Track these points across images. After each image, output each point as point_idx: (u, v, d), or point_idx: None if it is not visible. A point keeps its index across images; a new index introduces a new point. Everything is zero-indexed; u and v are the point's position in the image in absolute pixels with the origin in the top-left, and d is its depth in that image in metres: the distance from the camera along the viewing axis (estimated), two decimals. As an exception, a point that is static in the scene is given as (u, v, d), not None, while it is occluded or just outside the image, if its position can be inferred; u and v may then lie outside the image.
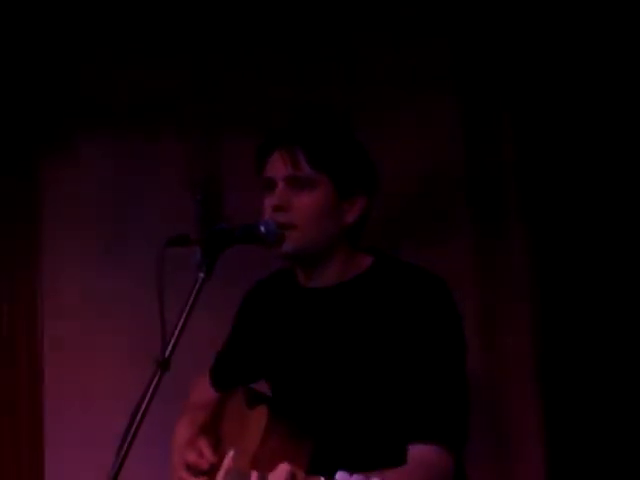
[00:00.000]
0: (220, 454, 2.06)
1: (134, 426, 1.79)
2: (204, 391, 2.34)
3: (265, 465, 1.84)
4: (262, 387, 2.19)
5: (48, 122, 3.27)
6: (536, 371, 3.07)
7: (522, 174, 3.11)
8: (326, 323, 2.04)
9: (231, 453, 1.99)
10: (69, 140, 3.25)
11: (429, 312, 1.94)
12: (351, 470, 1.48)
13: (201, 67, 3.22)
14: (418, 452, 1.87)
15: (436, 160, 3.13)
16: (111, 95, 3.24)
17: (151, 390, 1.80)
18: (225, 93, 3.22)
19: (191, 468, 2.08)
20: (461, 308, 2.00)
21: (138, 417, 1.79)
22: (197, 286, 1.84)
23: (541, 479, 3.04)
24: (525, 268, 3.09)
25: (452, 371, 1.92)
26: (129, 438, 1.79)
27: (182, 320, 1.82)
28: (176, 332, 1.82)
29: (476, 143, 3.15)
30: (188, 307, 1.83)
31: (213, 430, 2.17)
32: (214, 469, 2.04)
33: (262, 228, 1.95)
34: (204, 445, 2.08)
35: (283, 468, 1.55)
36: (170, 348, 1.81)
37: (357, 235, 2.07)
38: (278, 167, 2.01)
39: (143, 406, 1.80)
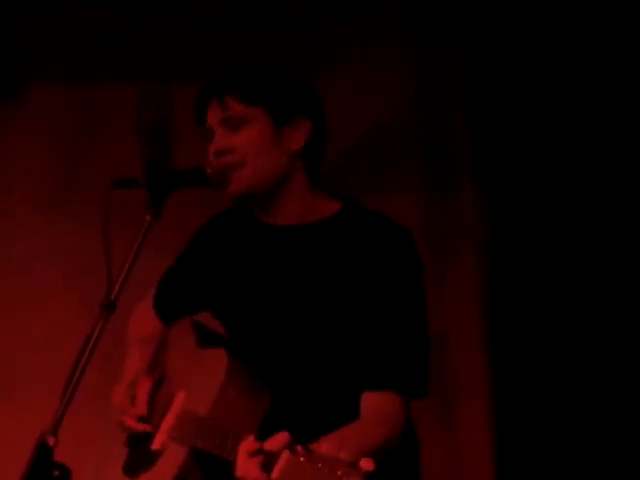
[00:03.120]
0: (167, 391, 2.05)
1: (78, 370, 1.78)
2: (147, 320, 2.31)
3: (224, 414, 1.83)
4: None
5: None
6: (484, 331, 3.10)
7: (472, 127, 3.12)
8: (287, 263, 2.02)
9: (182, 394, 1.97)
10: (18, 88, 3.21)
11: (391, 260, 1.94)
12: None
13: (151, 12, 3.19)
14: (371, 401, 1.88)
15: (386, 113, 3.13)
16: (61, 42, 3.20)
17: (96, 333, 1.79)
18: (175, 39, 3.19)
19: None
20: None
21: (83, 361, 1.78)
22: (144, 229, 1.83)
23: (487, 438, 3.08)
24: (475, 222, 3.11)
25: (410, 320, 1.92)
26: (73, 382, 1.78)
27: (128, 263, 1.82)
28: (122, 275, 1.81)
29: (427, 98, 3.17)
30: (135, 250, 1.82)
31: (159, 364, 2.16)
32: (161, 406, 2.03)
33: (208, 170, 1.95)
34: (141, 392, 2.07)
35: (282, 436, 1.52)
36: (116, 291, 1.80)
37: (314, 167, 2.04)
38: (212, 114, 2.02)
39: (88, 349, 1.79)
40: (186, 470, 1.88)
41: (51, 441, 1.74)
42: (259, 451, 1.55)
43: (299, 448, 1.44)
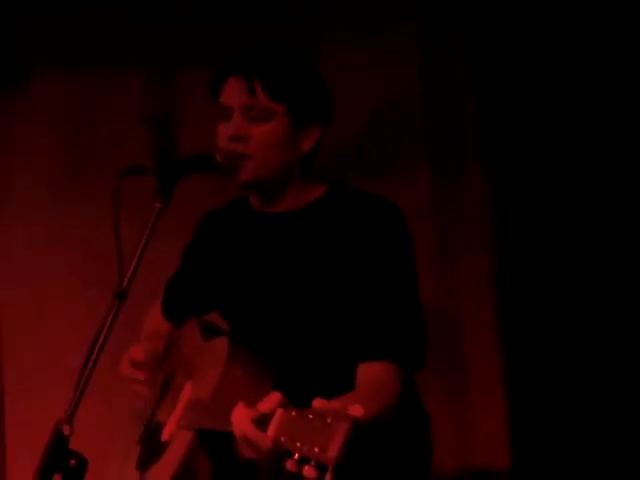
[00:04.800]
0: (176, 386, 2.07)
1: (92, 359, 1.78)
2: (157, 321, 2.33)
3: (228, 395, 1.84)
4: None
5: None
6: (493, 302, 3.11)
7: (482, 110, 3.11)
8: (280, 248, 2.05)
9: (189, 386, 1.99)
10: (20, 76, 3.20)
11: (380, 235, 1.96)
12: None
13: (151, 7, 3.18)
14: (365, 371, 1.90)
15: (393, 94, 3.12)
16: (64, 30, 3.18)
17: (109, 321, 1.79)
18: (179, 26, 3.18)
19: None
20: (416, 242, 2.02)
21: (96, 350, 1.78)
22: (153, 217, 1.82)
23: (500, 405, 3.09)
24: (482, 203, 3.11)
25: (402, 292, 1.94)
26: (87, 370, 1.77)
27: (139, 251, 1.81)
28: (133, 263, 1.81)
29: (435, 77, 3.15)
30: (145, 238, 1.82)
31: (168, 362, 2.17)
32: (170, 400, 2.04)
33: (218, 157, 1.94)
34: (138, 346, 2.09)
35: (275, 396, 1.54)
36: (127, 279, 1.80)
37: (310, 163, 2.08)
38: (235, 95, 2.00)
39: (101, 338, 1.79)
40: (192, 451, 1.89)
41: (66, 430, 1.73)
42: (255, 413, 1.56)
43: (292, 407, 1.48)
